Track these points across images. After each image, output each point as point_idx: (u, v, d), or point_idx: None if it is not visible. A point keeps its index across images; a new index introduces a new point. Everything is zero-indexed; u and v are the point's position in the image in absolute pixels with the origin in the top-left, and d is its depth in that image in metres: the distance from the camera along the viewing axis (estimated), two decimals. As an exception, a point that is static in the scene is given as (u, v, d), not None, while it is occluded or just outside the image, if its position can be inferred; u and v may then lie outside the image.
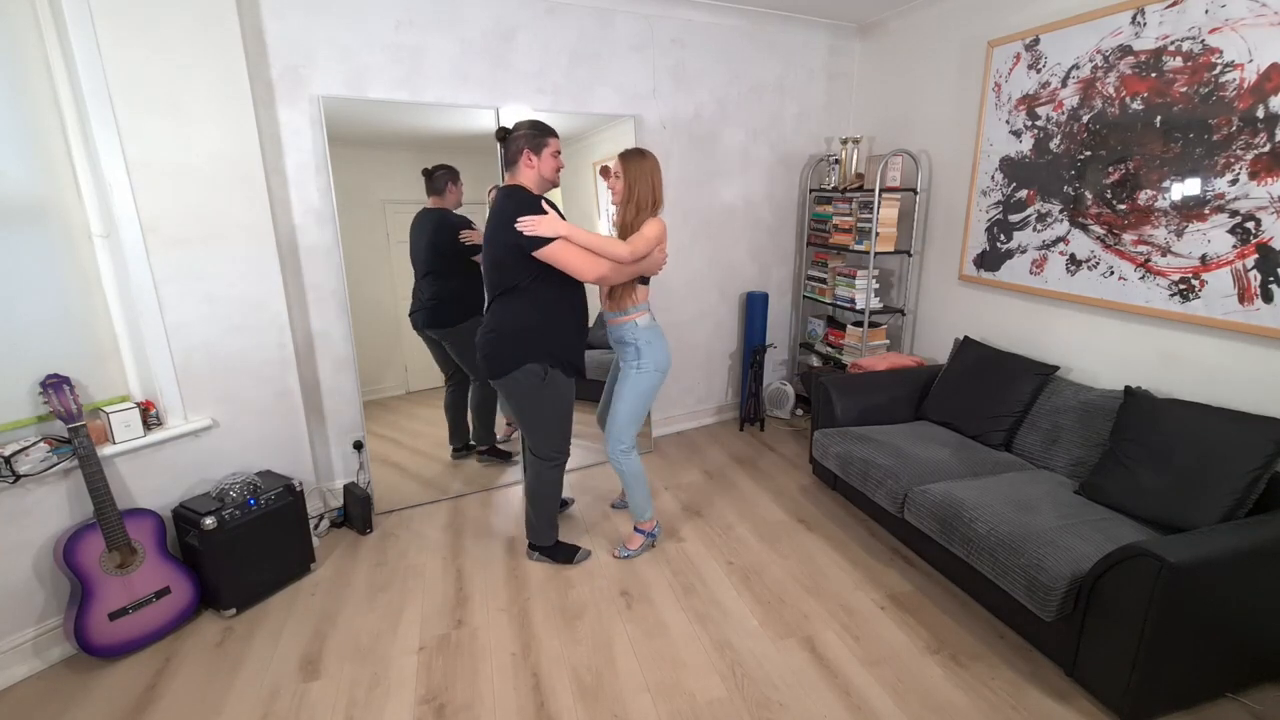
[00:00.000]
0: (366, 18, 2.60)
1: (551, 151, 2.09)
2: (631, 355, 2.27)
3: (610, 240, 2.06)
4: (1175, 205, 2.19)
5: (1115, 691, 1.67)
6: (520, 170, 2.08)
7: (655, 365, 2.27)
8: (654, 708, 1.77)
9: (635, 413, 2.31)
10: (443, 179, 2.74)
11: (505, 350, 2.10)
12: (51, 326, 1.95)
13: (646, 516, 2.49)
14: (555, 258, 1.99)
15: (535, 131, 2.07)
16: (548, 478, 2.31)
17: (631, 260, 2.09)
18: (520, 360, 2.10)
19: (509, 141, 2.09)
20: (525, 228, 1.94)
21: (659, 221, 2.17)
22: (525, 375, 2.11)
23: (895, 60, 3.43)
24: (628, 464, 2.36)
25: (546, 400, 2.18)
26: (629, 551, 2.47)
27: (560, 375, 2.17)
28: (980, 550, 1.95)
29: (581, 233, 2.01)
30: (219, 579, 2.12)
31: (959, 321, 3.16)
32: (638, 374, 2.26)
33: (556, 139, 2.11)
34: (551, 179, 2.13)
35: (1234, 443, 1.86)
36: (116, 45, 1.96)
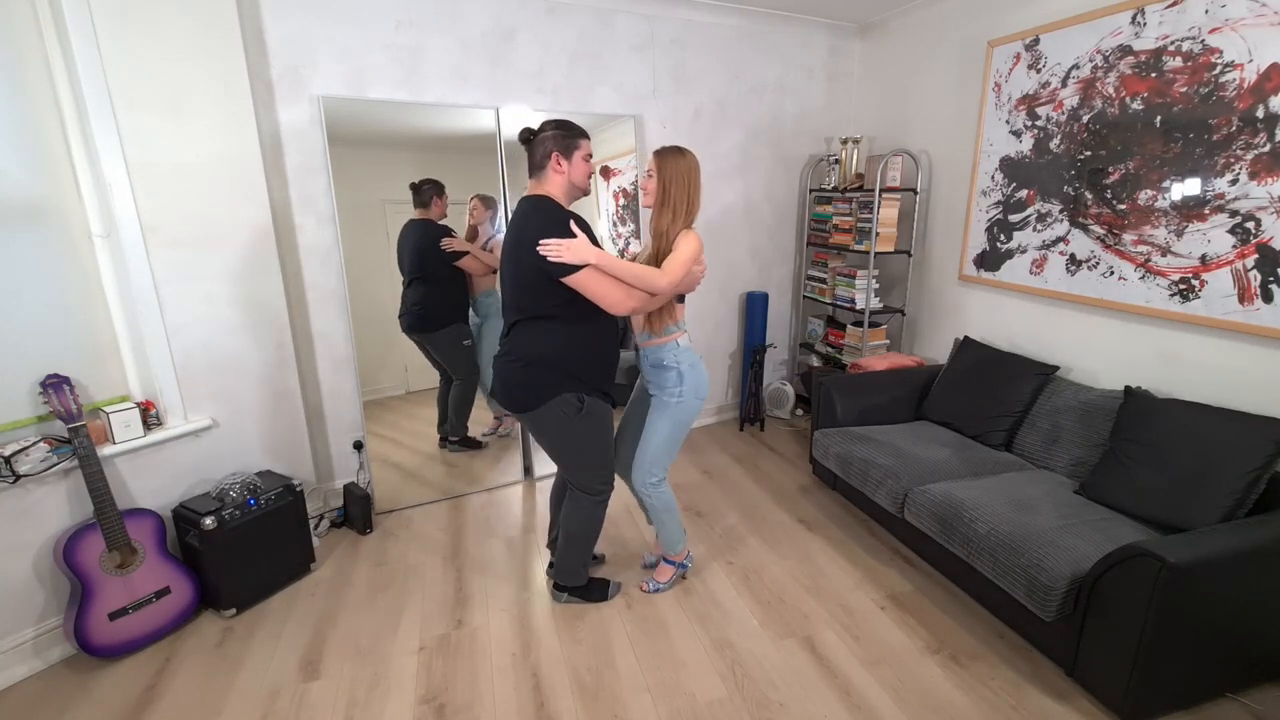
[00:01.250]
0: (366, 18, 2.60)
1: (583, 155, 1.87)
2: (672, 381, 2.01)
3: (646, 270, 1.81)
4: (1175, 205, 2.19)
5: (1115, 691, 1.67)
6: (548, 177, 1.85)
7: (696, 393, 2.02)
8: (654, 708, 1.77)
9: (672, 445, 2.07)
10: (429, 192, 2.77)
11: (535, 382, 1.87)
12: (51, 326, 1.95)
13: (679, 549, 2.27)
14: (584, 287, 1.75)
15: (565, 133, 1.84)
16: (591, 514, 2.09)
17: (671, 292, 1.87)
18: (554, 392, 1.87)
19: (535, 144, 1.85)
20: (549, 253, 1.71)
21: (695, 237, 1.92)
22: (560, 406, 1.88)
23: (895, 60, 3.43)
24: (660, 497, 2.13)
25: (586, 431, 1.95)
26: (659, 585, 2.27)
27: (598, 403, 1.95)
28: (980, 550, 1.95)
29: (613, 260, 1.77)
30: (219, 579, 2.12)
31: (959, 321, 3.16)
32: (678, 403, 2.01)
33: (588, 140, 1.89)
34: (583, 186, 1.91)
35: (1234, 443, 1.86)
36: (116, 45, 1.96)
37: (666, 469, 2.12)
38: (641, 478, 2.10)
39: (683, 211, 1.95)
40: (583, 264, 1.73)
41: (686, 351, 2.03)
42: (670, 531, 2.22)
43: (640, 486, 2.13)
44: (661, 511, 2.17)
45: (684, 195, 1.95)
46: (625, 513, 2.83)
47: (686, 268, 1.87)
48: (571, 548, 2.15)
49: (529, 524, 2.74)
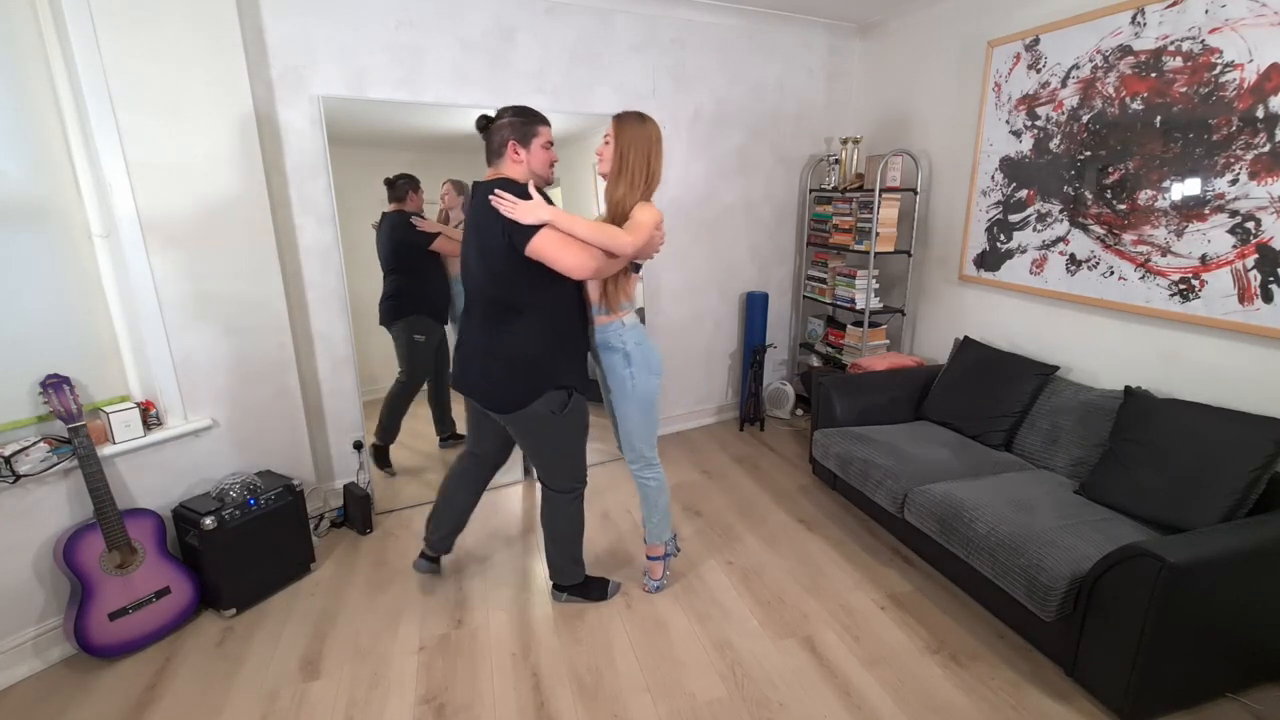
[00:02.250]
0: (366, 18, 2.60)
1: (542, 142, 1.79)
2: (620, 364, 1.96)
3: (607, 227, 1.72)
4: (1175, 205, 2.19)
5: (1115, 691, 1.67)
6: (506, 165, 1.79)
7: (649, 369, 1.98)
8: (654, 708, 1.77)
9: (646, 425, 2.05)
10: (404, 187, 2.75)
11: (520, 381, 1.82)
12: (51, 326, 1.96)
13: (663, 539, 2.22)
14: (541, 252, 1.67)
15: (523, 119, 1.77)
16: (568, 511, 2.07)
17: (634, 254, 1.79)
18: (539, 390, 1.83)
19: (491, 132, 1.78)
20: (502, 206, 1.64)
21: (653, 208, 1.83)
22: (547, 404, 1.85)
23: (895, 60, 3.43)
24: (653, 476, 2.12)
25: (568, 429, 1.93)
26: (657, 582, 2.25)
27: (580, 399, 1.93)
28: (980, 550, 1.95)
29: (571, 217, 1.68)
30: (219, 579, 2.12)
31: (959, 321, 3.16)
32: (633, 385, 1.97)
33: (548, 127, 1.82)
34: (544, 174, 1.83)
35: (1234, 443, 1.86)
36: (116, 45, 1.96)
37: (654, 447, 2.11)
38: (632, 461, 2.11)
39: (640, 182, 1.84)
40: (538, 223, 1.65)
41: (632, 329, 1.96)
42: (661, 516, 2.19)
43: (632, 469, 2.13)
44: (655, 493, 2.15)
45: (643, 165, 1.84)
46: (625, 514, 2.83)
47: (646, 231, 1.78)
48: (558, 547, 2.14)
49: (529, 524, 2.74)
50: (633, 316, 1.98)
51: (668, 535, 2.25)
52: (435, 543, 2.27)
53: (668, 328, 3.63)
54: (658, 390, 2.04)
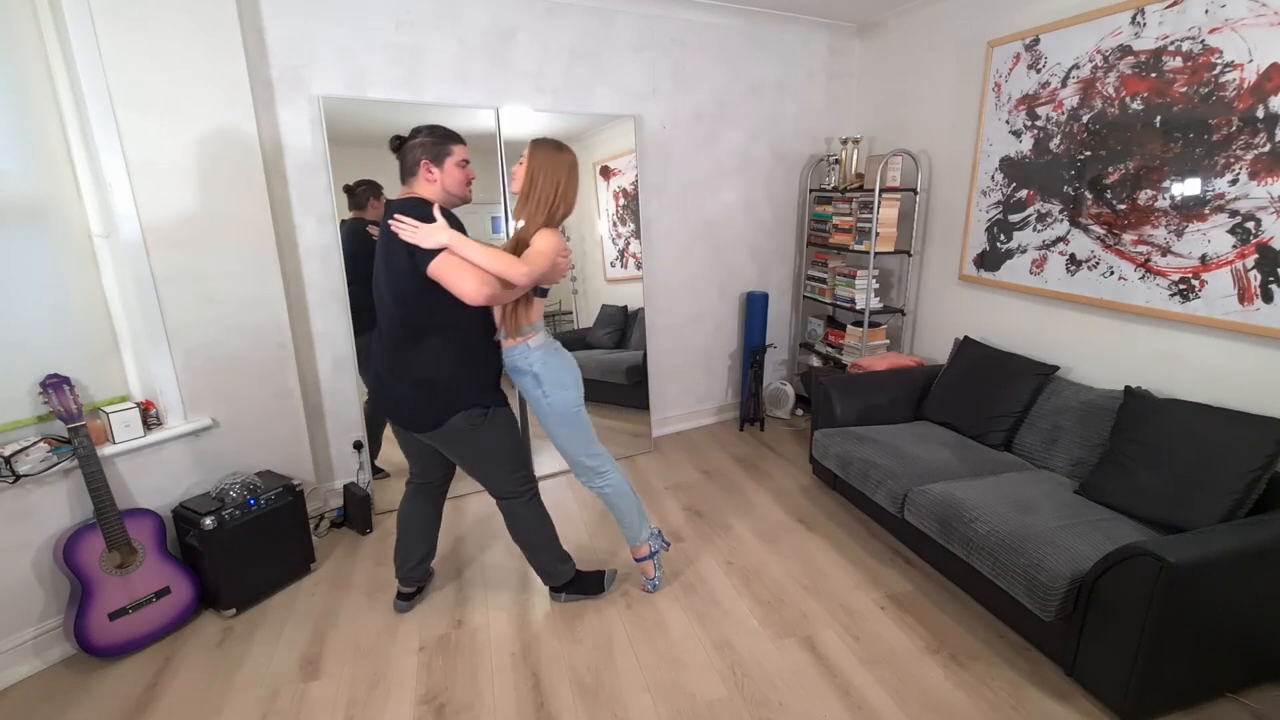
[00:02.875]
0: (366, 18, 2.60)
1: (456, 161, 1.79)
2: (531, 385, 1.96)
3: (503, 256, 1.71)
4: (1175, 205, 2.19)
5: (1115, 691, 1.67)
6: (419, 184, 1.78)
7: (561, 384, 1.96)
8: (654, 708, 1.77)
9: (577, 438, 2.03)
10: (364, 194, 2.69)
11: (435, 402, 1.83)
12: (52, 326, 1.96)
13: (641, 539, 2.20)
14: (439, 274, 1.67)
15: (435, 139, 1.77)
16: (527, 514, 2.05)
17: (528, 284, 1.78)
18: (454, 409, 1.83)
19: (404, 152, 1.78)
20: (402, 229, 1.65)
21: (553, 235, 1.83)
22: (463, 421, 1.85)
23: (895, 60, 3.43)
24: (609, 486, 2.10)
25: (491, 440, 1.91)
26: (652, 581, 2.25)
27: (499, 410, 1.92)
28: (980, 550, 1.95)
29: (468, 243, 1.68)
30: (219, 579, 2.12)
31: (959, 321, 3.16)
32: (549, 402, 1.96)
33: (463, 146, 1.81)
34: (459, 193, 1.82)
35: (1234, 443, 1.86)
36: (116, 45, 1.96)
37: (596, 457, 2.08)
38: (580, 475, 2.10)
39: (544, 209, 1.86)
40: (437, 247, 1.65)
41: (539, 350, 1.95)
42: (631, 520, 2.16)
43: (587, 484, 2.11)
44: (616, 498, 2.12)
45: (550, 191, 1.86)
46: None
47: (544, 260, 1.78)
48: (537, 551, 2.13)
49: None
50: (539, 337, 1.97)
51: (646, 533, 2.22)
52: (408, 576, 2.18)
53: (668, 328, 3.63)
54: (576, 401, 2.00)
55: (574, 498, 2.97)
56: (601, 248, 3.37)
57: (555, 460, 3.27)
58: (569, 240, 1.83)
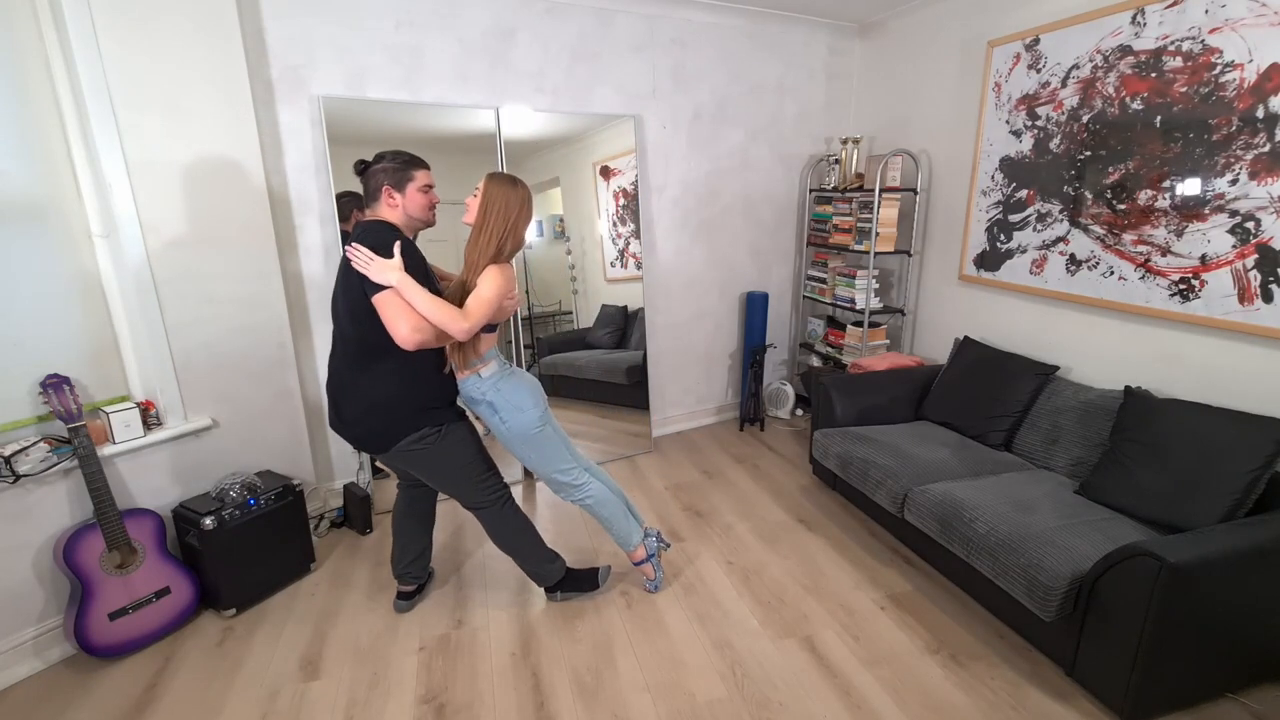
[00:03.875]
0: (366, 18, 2.60)
1: (418, 186, 1.79)
2: (487, 413, 1.96)
3: (444, 309, 1.70)
4: (1175, 205, 2.19)
5: (1115, 691, 1.67)
6: (382, 209, 1.79)
7: (518, 407, 1.95)
8: (654, 708, 1.77)
9: (545, 456, 2.03)
10: (347, 205, 2.66)
11: (381, 427, 1.83)
12: (51, 326, 1.96)
13: (633, 544, 2.19)
14: (380, 308, 1.68)
15: (398, 165, 1.77)
16: (503, 521, 2.05)
17: (467, 337, 1.75)
18: (401, 433, 1.83)
19: (367, 176, 1.79)
20: (356, 259, 1.66)
21: (499, 274, 1.81)
22: (414, 442, 1.85)
23: (895, 60, 3.43)
24: (588, 498, 2.10)
25: (449, 456, 1.92)
26: (653, 582, 2.26)
27: (452, 427, 1.91)
28: (980, 550, 1.95)
29: (414, 290, 1.67)
30: (219, 579, 2.12)
31: (959, 321, 3.16)
32: (506, 427, 1.96)
33: (426, 171, 1.82)
34: (421, 217, 1.83)
35: (1234, 443, 1.86)
36: (116, 45, 1.96)
37: (568, 472, 2.07)
38: (558, 492, 2.10)
39: (493, 244, 1.83)
40: (385, 284, 1.66)
41: (489, 380, 1.94)
42: (619, 527, 2.16)
43: (567, 499, 2.11)
44: (598, 508, 2.12)
45: (501, 226, 1.84)
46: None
47: (488, 308, 1.77)
48: (523, 555, 2.13)
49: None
50: (491, 366, 1.96)
51: (638, 537, 2.21)
52: (405, 574, 2.18)
53: (668, 328, 3.63)
54: (536, 422, 1.99)
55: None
56: (601, 248, 3.37)
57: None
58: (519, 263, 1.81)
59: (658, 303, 3.56)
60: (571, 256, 3.34)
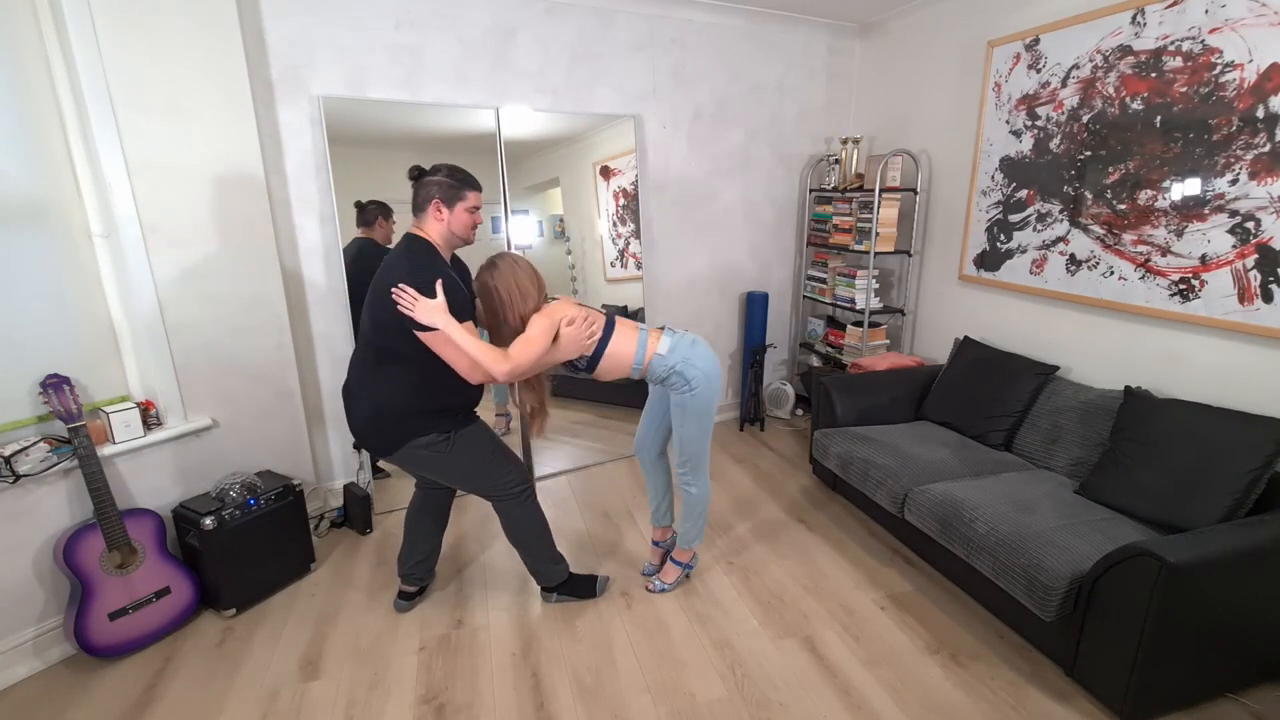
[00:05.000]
0: (366, 18, 2.60)
1: (467, 207, 1.81)
2: (679, 383, 1.97)
3: (487, 351, 1.72)
4: (1175, 205, 2.19)
5: (1115, 691, 1.67)
6: (427, 220, 1.80)
7: (707, 379, 1.98)
8: (654, 708, 1.77)
9: (703, 435, 2.07)
10: (373, 212, 2.71)
11: (388, 429, 1.84)
12: (51, 326, 1.95)
13: (693, 545, 2.26)
14: (436, 347, 1.72)
15: (453, 181, 1.79)
16: (522, 514, 2.04)
17: (510, 379, 1.76)
18: (407, 437, 1.84)
19: (420, 185, 1.81)
20: (402, 301, 1.67)
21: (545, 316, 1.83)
22: (419, 449, 1.85)
23: (895, 60, 3.43)
24: (700, 487, 2.14)
25: (462, 457, 1.91)
26: (664, 585, 2.26)
27: (463, 431, 1.91)
28: (980, 550, 1.95)
29: (459, 332, 1.69)
30: (219, 579, 2.12)
31: (959, 321, 3.16)
32: (693, 396, 1.98)
33: (478, 193, 1.84)
34: (463, 236, 1.84)
35: (1234, 443, 1.86)
36: (116, 45, 1.96)
37: (707, 457, 2.12)
38: (682, 467, 2.12)
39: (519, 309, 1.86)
40: (431, 326, 1.68)
41: (673, 353, 1.97)
42: (695, 526, 2.22)
43: (682, 479, 2.14)
44: (697, 502, 2.17)
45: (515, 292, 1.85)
46: (626, 514, 2.83)
47: (537, 347, 1.78)
48: (530, 551, 2.12)
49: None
50: (665, 341, 1.98)
51: (698, 543, 2.27)
52: (409, 574, 2.18)
53: (668, 328, 3.63)
54: (716, 396, 2.03)
55: (575, 499, 2.97)
56: (601, 248, 3.37)
57: (556, 461, 3.27)
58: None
59: (658, 303, 3.56)
60: (571, 257, 3.34)
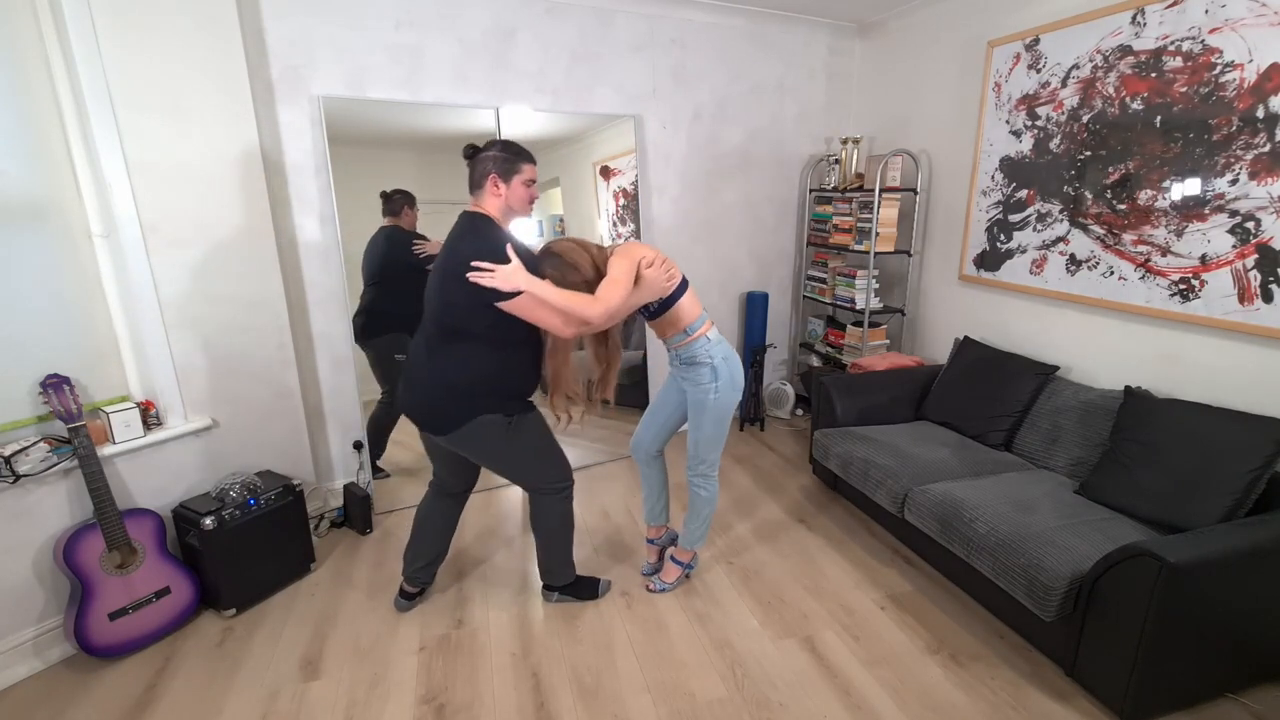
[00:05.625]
0: (366, 18, 2.60)
1: (524, 180, 1.80)
2: (707, 377, 1.97)
3: (576, 298, 1.73)
4: (1175, 205, 2.19)
5: (1115, 691, 1.67)
6: (485, 197, 1.79)
7: (733, 385, 2.00)
8: (654, 708, 1.77)
9: (717, 438, 2.07)
10: (399, 202, 2.75)
11: (454, 405, 1.83)
12: (51, 326, 1.95)
13: (696, 546, 2.26)
14: (523, 313, 1.71)
15: (507, 155, 1.79)
16: (559, 511, 2.06)
17: (606, 320, 1.77)
18: (472, 414, 1.83)
19: (475, 162, 1.81)
20: (481, 279, 1.66)
21: (627, 253, 1.84)
22: (482, 427, 1.85)
23: (895, 60, 3.43)
24: (707, 488, 2.14)
25: (517, 444, 1.92)
26: (665, 585, 2.27)
27: (524, 417, 1.92)
28: (980, 550, 1.95)
29: (544, 288, 1.71)
30: (219, 579, 2.12)
31: (959, 321, 3.16)
32: (715, 399, 1.98)
33: (533, 165, 1.83)
34: (520, 210, 1.84)
35: (1234, 443, 1.86)
36: (116, 45, 1.96)
37: (718, 458, 2.13)
38: (693, 468, 2.13)
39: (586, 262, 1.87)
40: (515, 291, 1.68)
41: (719, 344, 2.01)
42: (700, 526, 2.22)
43: (692, 477, 2.15)
44: (704, 503, 2.17)
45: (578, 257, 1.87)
46: (626, 514, 2.83)
47: (622, 288, 1.78)
48: (551, 548, 2.13)
49: (529, 524, 2.73)
50: (714, 329, 2.02)
51: (700, 545, 2.27)
52: (414, 576, 2.17)
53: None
54: (735, 404, 2.06)
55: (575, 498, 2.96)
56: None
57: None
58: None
59: (658, 303, 3.55)
60: (571, 256, 3.33)
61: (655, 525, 2.36)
